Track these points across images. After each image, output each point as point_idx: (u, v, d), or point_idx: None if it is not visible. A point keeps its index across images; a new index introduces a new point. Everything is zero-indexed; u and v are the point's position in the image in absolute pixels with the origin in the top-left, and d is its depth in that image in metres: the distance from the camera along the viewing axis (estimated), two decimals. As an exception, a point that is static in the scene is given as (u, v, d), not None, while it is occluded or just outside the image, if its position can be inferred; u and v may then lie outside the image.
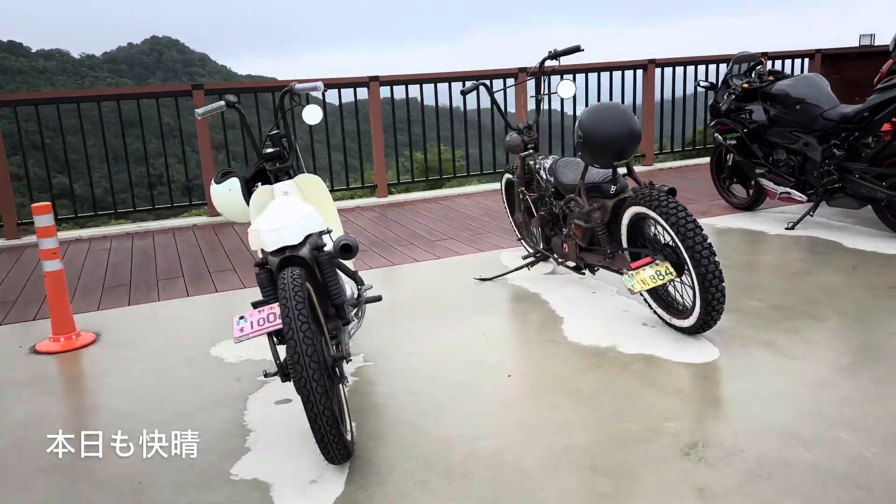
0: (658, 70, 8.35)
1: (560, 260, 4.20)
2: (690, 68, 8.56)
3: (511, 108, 8.04)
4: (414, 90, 7.55)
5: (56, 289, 3.73)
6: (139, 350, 3.65)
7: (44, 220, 3.65)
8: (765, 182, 5.56)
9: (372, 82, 7.18)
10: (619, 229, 3.59)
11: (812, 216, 5.32)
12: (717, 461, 2.38)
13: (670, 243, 3.34)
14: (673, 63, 8.45)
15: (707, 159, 8.46)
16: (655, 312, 3.55)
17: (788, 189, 5.37)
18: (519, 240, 4.92)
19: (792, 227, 5.26)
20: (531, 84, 4.62)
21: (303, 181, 3.41)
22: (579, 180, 3.64)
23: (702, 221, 3.89)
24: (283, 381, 2.57)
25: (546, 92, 4.43)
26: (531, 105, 8.15)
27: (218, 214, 6.86)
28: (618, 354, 3.24)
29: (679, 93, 8.56)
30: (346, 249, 2.55)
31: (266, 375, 3.20)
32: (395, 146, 7.71)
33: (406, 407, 2.88)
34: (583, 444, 2.52)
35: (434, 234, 5.78)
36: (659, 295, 3.52)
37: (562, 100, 4.33)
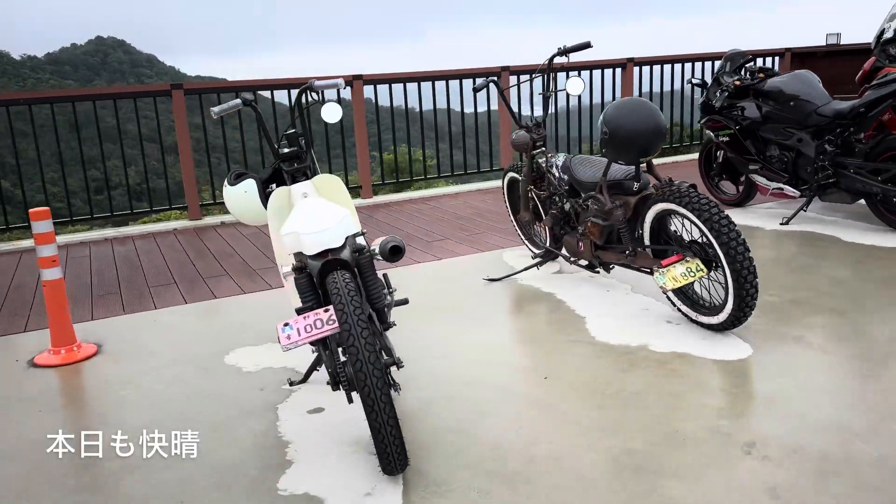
0: (636, 69, 8.39)
1: (572, 259, 4.15)
2: (668, 67, 8.63)
3: (490, 108, 8.01)
4: (388, 89, 7.44)
5: (56, 298, 3.54)
6: (149, 361, 3.48)
7: (42, 225, 3.46)
8: (757, 178, 5.61)
9: (356, 81, 7.05)
10: (640, 226, 3.56)
11: (805, 211, 5.39)
12: (781, 460, 2.35)
13: (699, 240, 3.32)
14: (651, 62, 8.50)
15: (689, 156, 8.59)
16: (679, 310, 3.52)
17: (781, 185, 5.42)
18: (522, 239, 4.87)
19: (786, 223, 5.32)
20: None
21: (321, 182, 3.29)
22: (601, 177, 3.59)
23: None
24: (333, 390, 2.45)
25: (555, 89, 4.38)
26: (510, 104, 8.16)
27: (199, 218, 6.69)
28: (650, 353, 3.21)
29: (657, 91, 8.62)
30: (396, 251, 2.45)
31: (291, 384, 3.10)
32: (379, 146, 7.59)
33: (446, 413, 2.79)
34: (641, 447, 2.47)
35: (429, 235, 5.69)
36: (683, 292, 3.49)
37: (567, 96, 4.29)
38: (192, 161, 6.60)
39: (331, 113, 3.38)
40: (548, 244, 4.41)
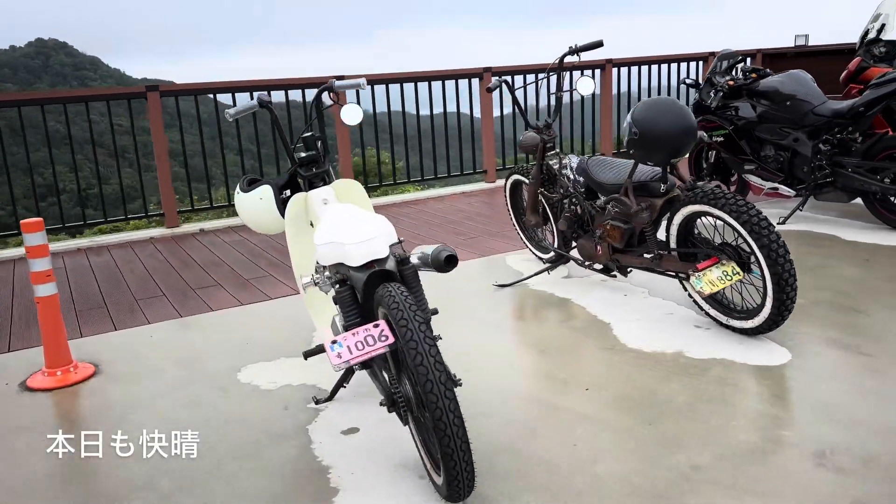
0: (615, 70, 8.37)
1: (587, 263, 4.04)
2: (645, 68, 8.63)
3: (469, 108, 7.88)
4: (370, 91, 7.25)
5: (51, 316, 3.27)
6: (155, 381, 3.24)
7: (35, 237, 3.19)
8: (752, 178, 5.59)
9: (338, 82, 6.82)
10: (667, 229, 3.47)
11: (801, 210, 5.39)
12: (855, 469, 2.26)
13: (732, 242, 3.25)
14: (629, 63, 8.48)
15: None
16: (708, 314, 3.43)
17: (777, 184, 5.42)
18: (525, 243, 4.75)
19: (783, 222, 5.30)
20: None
21: (342, 187, 3.12)
22: (627, 179, 3.48)
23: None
24: (389, 412, 2.27)
25: (566, 88, 4.27)
26: (496, 107, 8.05)
27: (177, 226, 6.40)
28: (689, 360, 3.11)
29: (635, 91, 8.61)
30: (451, 261, 2.29)
31: (317, 402, 2.92)
32: (362, 149, 7.39)
33: (492, 431, 2.64)
34: (709, 461, 2.35)
35: (423, 240, 5.52)
36: (713, 296, 3.41)
37: (582, 97, 4.19)
38: (168, 167, 6.31)
39: (351, 115, 3.22)
40: (556, 247, 4.30)
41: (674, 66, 8.86)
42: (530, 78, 7.58)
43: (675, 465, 2.34)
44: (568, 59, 4.23)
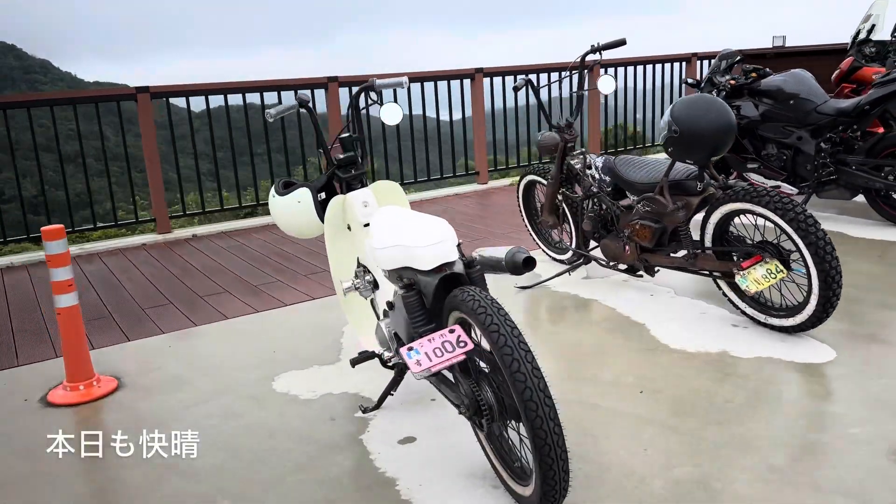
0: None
1: (611, 263, 4.00)
2: (631, 69, 8.67)
3: (465, 110, 7.80)
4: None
5: (73, 327, 3.11)
6: (185, 392, 3.10)
7: (56, 245, 3.03)
8: (754, 176, 5.63)
9: (331, 83, 6.72)
10: (702, 227, 3.44)
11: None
12: (934, 467, 2.25)
13: (773, 240, 3.23)
14: (605, 64, 8.48)
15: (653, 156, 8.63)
16: (744, 313, 3.42)
17: (779, 182, 5.46)
18: (539, 244, 4.70)
19: (787, 220, 5.34)
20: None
21: (382, 189, 3.02)
22: (663, 177, 3.45)
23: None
24: (470, 419, 2.18)
25: (587, 87, 4.24)
26: (486, 104, 7.97)
27: (169, 231, 6.20)
28: (736, 360, 3.08)
29: (621, 91, 8.63)
30: (529, 263, 2.22)
31: (364, 411, 2.82)
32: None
33: (553, 436, 2.57)
34: (784, 463, 2.32)
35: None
36: (750, 295, 3.39)
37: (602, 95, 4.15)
38: (160, 171, 6.11)
39: (391, 114, 3.12)
40: (573, 247, 4.25)
41: (657, 66, 8.92)
42: (510, 80, 7.52)
43: (752, 468, 2.30)
44: (589, 57, 4.17)
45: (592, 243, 4.20)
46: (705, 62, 9.28)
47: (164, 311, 4.24)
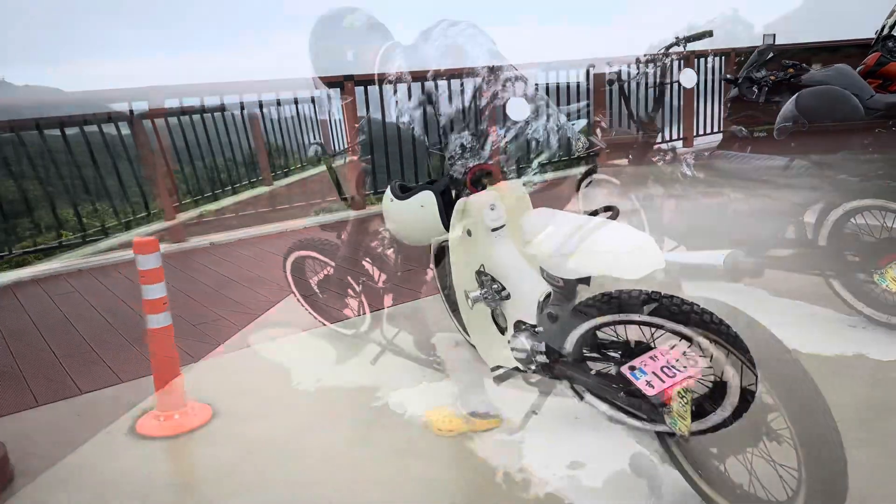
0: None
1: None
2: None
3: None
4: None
5: (165, 350, 2.78)
6: (291, 418, 2.80)
7: (149, 260, 2.69)
8: (796, 173, 5.57)
9: (347, 82, 6.40)
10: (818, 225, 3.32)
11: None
12: None
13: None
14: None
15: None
16: (861, 313, 3.29)
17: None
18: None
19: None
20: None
21: (508, 189, 2.78)
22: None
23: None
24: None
25: (669, 79, 4.09)
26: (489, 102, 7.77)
27: (184, 240, 5.82)
28: (879, 363, 2.93)
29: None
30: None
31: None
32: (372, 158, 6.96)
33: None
34: None
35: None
36: (865, 293, 3.27)
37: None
38: (173, 179, 5.73)
39: (518, 109, 2.87)
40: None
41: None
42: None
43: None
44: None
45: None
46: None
47: (220, 325, 3.89)
